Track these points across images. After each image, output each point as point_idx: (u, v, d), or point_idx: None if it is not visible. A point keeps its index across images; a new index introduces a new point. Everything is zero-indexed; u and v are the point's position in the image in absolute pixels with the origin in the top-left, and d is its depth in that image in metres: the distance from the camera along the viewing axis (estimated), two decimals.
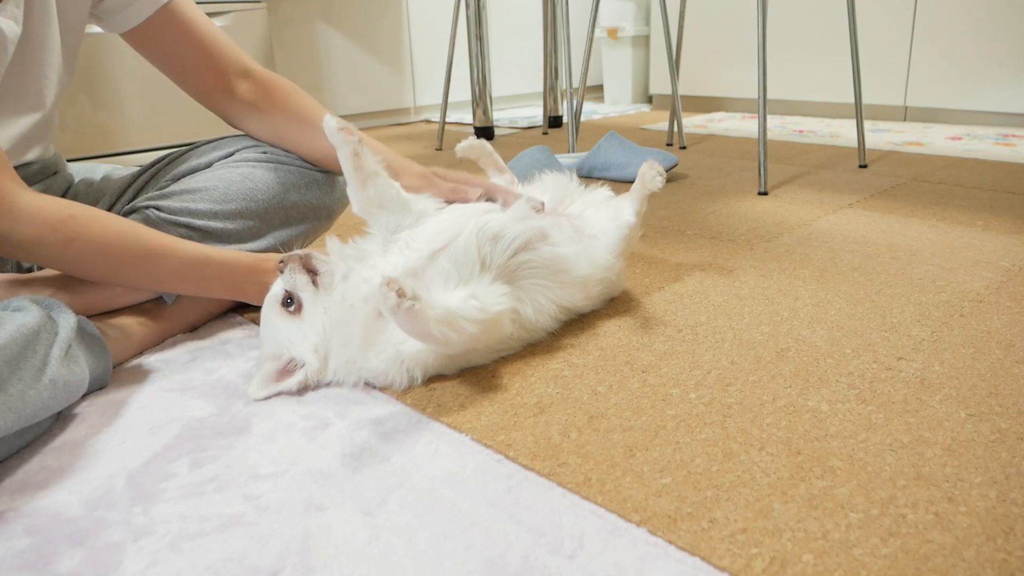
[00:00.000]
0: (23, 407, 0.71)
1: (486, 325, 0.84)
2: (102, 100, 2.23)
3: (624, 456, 0.72)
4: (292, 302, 0.87)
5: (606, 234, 1.03)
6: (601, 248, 1.02)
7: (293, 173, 1.11)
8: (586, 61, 2.25)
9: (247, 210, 1.05)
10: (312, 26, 3.01)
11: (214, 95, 1.12)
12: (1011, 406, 0.78)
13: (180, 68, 1.10)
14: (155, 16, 1.04)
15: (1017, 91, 2.51)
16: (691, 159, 2.20)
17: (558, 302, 0.96)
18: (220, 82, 1.10)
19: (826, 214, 1.55)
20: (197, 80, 1.10)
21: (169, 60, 1.09)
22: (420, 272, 0.88)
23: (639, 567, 0.57)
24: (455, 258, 0.88)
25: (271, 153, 1.12)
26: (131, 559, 0.61)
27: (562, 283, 0.96)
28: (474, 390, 0.86)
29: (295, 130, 1.11)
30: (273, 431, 0.79)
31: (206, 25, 1.09)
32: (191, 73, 1.10)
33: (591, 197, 1.12)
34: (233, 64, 1.10)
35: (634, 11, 3.55)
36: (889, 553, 0.57)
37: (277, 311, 0.88)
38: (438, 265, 0.88)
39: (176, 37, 1.06)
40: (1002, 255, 1.25)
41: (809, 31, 2.93)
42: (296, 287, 0.87)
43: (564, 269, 0.96)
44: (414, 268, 0.88)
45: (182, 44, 1.07)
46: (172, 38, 1.06)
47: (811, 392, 0.82)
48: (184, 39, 1.06)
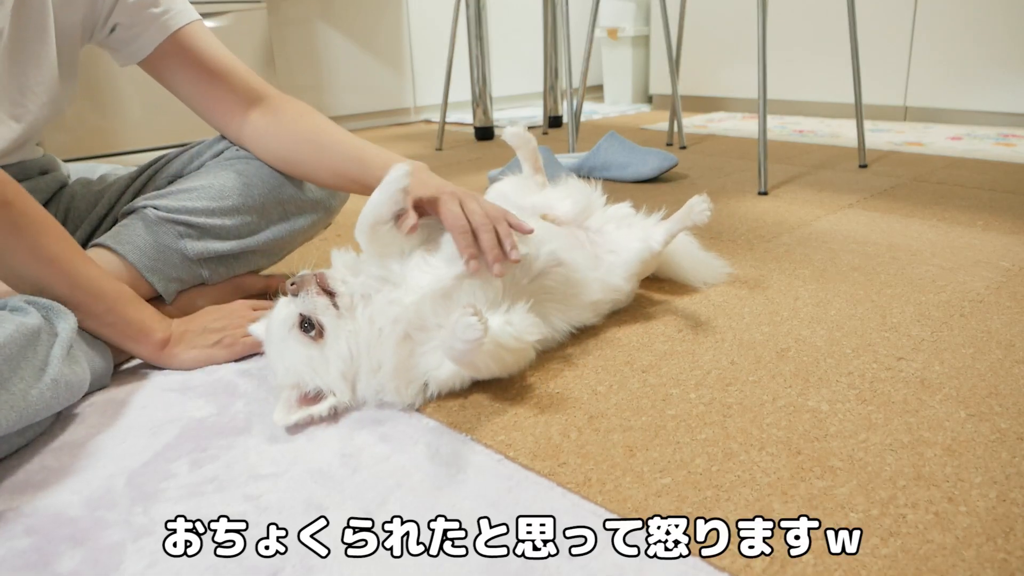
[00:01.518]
0: (25, 406, 0.71)
1: (520, 354, 0.83)
2: (101, 100, 2.23)
3: (624, 456, 0.72)
4: (312, 327, 0.81)
5: (626, 253, 1.01)
6: (617, 270, 1.00)
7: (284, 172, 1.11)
8: (586, 61, 2.25)
9: (243, 206, 1.05)
10: (312, 26, 3.01)
11: (229, 123, 1.10)
12: (1011, 406, 0.78)
13: (194, 97, 1.08)
14: (164, 45, 1.02)
15: (1017, 91, 2.51)
16: (691, 159, 2.20)
17: (570, 322, 0.96)
18: (232, 111, 1.08)
19: (826, 214, 1.55)
20: (212, 108, 1.09)
21: (184, 88, 1.07)
22: (450, 294, 0.83)
23: (639, 567, 0.57)
24: (483, 283, 0.85)
25: None
26: (131, 559, 0.61)
27: (574, 306, 0.96)
28: (474, 390, 0.86)
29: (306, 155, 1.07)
30: (273, 431, 0.79)
31: (217, 51, 1.07)
32: (205, 100, 1.08)
33: (613, 212, 1.09)
34: (247, 90, 1.08)
35: (634, 11, 3.55)
36: (889, 553, 0.57)
37: (295, 336, 0.81)
38: (465, 287, 0.84)
39: (186, 65, 1.05)
40: (1002, 255, 1.25)
41: (809, 31, 2.93)
42: (316, 311, 0.80)
43: (576, 293, 0.95)
44: (444, 290, 0.83)
45: (193, 72, 1.05)
46: (183, 66, 1.05)
47: (811, 392, 0.82)
48: (196, 66, 1.05)
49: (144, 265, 0.98)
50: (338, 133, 1.06)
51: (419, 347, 0.82)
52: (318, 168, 1.06)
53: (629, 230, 1.06)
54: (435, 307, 0.82)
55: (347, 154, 1.03)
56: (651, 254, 1.01)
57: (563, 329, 0.95)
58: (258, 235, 1.08)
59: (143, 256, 0.99)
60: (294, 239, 1.13)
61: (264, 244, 1.08)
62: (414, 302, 0.82)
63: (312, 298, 0.81)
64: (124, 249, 0.98)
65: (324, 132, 1.06)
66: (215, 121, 1.10)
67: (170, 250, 1.00)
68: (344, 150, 1.03)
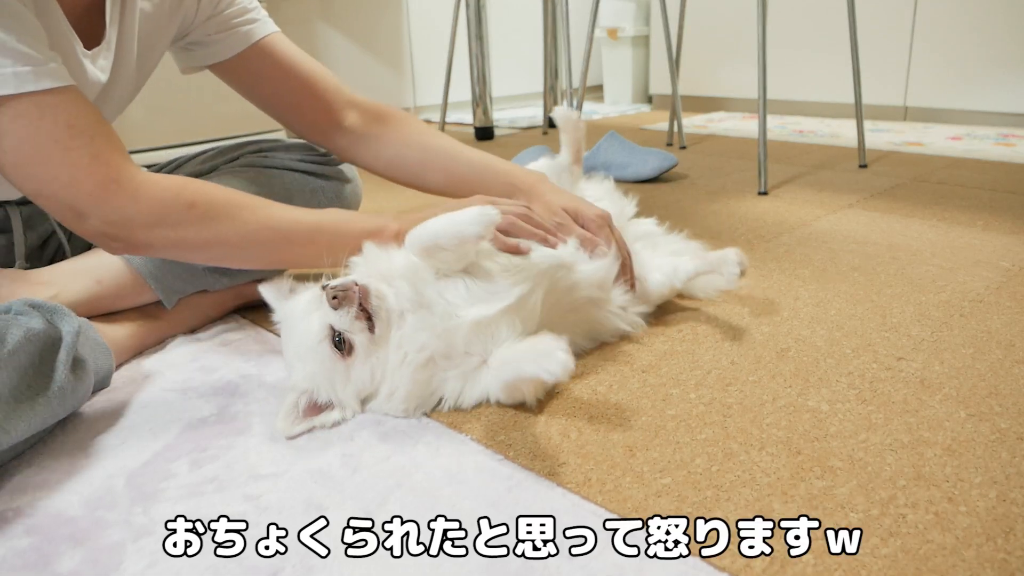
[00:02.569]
0: (33, 415, 0.71)
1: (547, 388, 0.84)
2: None
3: (624, 456, 0.72)
4: (343, 344, 0.78)
5: (650, 286, 1.00)
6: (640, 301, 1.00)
7: (297, 180, 1.11)
8: (586, 61, 2.25)
9: None
10: (312, 26, 3.01)
11: (323, 130, 1.10)
12: (1011, 406, 0.78)
13: (283, 105, 1.09)
14: (246, 53, 1.03)
15: (1017, 91, 2.51)
16: (691, 159, 2.20)
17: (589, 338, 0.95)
18: (327, 116, 1.09)
19: (826, 214, 1.55)
20: (303, 116, 1.09)
21: (269, 98, 1.08)
22: (490, 325, 0.81)
23: (639, 567, 0.57)
24: (524, 315, 0.83)
25: (273, 158, 1.12)
26: (131, 559, 0.61)
27: (598, 331, 0.96)
28: None
29: (418, 156, 1.08)
30: (273, 431, 0.79)
31: (304, 60, 1.07)
32: (294, 110, 1.09)
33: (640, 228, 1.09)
34: (338, 98, 1.09)
35: (634, 11, 3.55)
36: (889, 553, 0.57)
37: (324, 348, 0.78)
38: (507, 319, 0.82)
39: (272, 74, 1.05)
40: (1002, 255, 1.25)
41: (809, 31, 2.93)
42: (352, 331, 0.78)
43: (601, 320, 0.95)
44: (486, 320, 0.80)
45: (280, 81, 1.06)
46: (267, 76, 1.05)
47: (811, 392, 0.82)
48: (282, 76, 1.05)
49: (148, 271, 0.98)
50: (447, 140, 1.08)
51: (440, 373, 0.81)
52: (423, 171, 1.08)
53: (654, 251, 1.05)
54: (469, 336, 0.80)
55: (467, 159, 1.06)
56: (671, 290, 1.02)
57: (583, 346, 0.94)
58: None
59: (147, 262, 0.98)
60: None
61: None
62: (447, 330, 0.79)
63: (351, 320, 0.77)
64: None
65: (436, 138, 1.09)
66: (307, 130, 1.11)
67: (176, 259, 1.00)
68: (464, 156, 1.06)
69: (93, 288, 0.95)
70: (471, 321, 0.80)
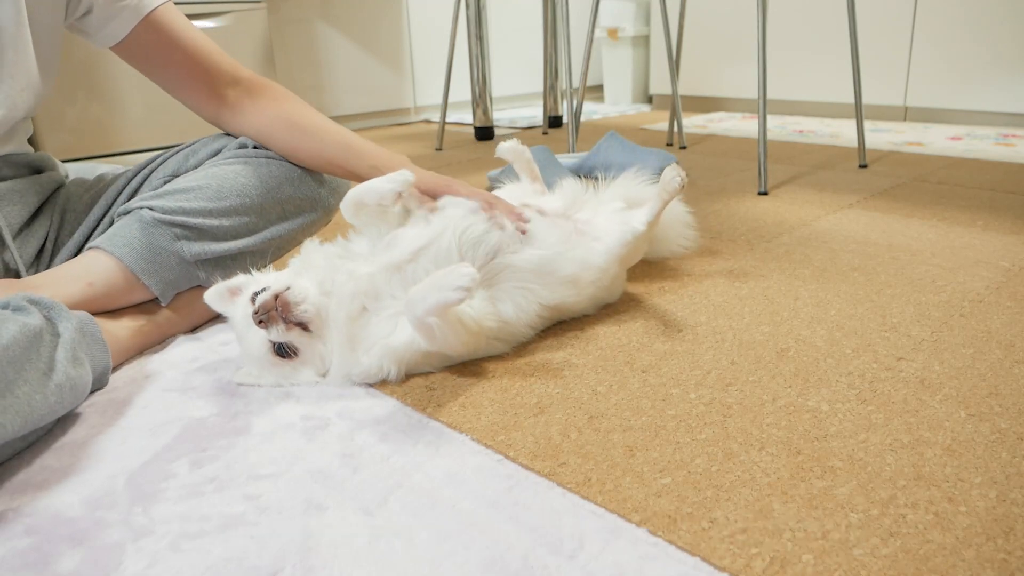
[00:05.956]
0: (30, 411, 0.71)
1: (474, 338, 0.89)
2: (102, 100, 2.23)
3: (624, 456, 0.72)
4: (287, 352, 0.87)
5: (608, 236, 1.02)
6: (598, 251, 1.01)
7: (284, 167, 1.10)
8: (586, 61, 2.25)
9: (242, 206, 1.05)
10: (312, 26, 3.01)
11: (205, 103, 1.11)
12: (1011, 406, 0.78)
13: (170, 79, 1.09)
14: (139, 28, 1.03)
15: (1017, 91, 2.51)
16: (691, 159, 2.20)
17: (542, 302, 0.96)
18: (210, 90, 1.09)
19: (826, 214, 1.55)
20: (188, 89, 1.09)
21: (159, 72, 1.08)
22: (402, 267, 0.90)
23: (639, 567, 0.57)
24: (436, 258, 0.90)
25: (260, 148, 1.12)
26: (131, 559, 0.61)
27: (547, 284, 0.96)
28: (474, 390, 0.86)
29: (284, 134, 1.10)
30: (273, 431, 0.79)
31: (191, 33, 1.07)
32: (181, 83, 1.09)
33: (601, 200, 1.12)
34: (222, 72, 1.09)
35: (634, 11, 3.55)
36: (889, 553, 0.57)
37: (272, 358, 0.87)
38: (420, 263, 0.90)
39: (161, 48, 1.05)
40: (1002, 255, 1.25)
41: (809, 31, 2.93)
42: (291, 340, 0.86)
43: (550, 271, 0.96)
44: (397, 263, 0.90)
45: (169, 54, 1.06)
46: (157, 49, 1.05)
47: (811, 392, 0.82)
48: (170, 49, 1.05)
49: (139, 268, 0.98)
50: (319, 118, 1.11)
51: (373, 316, 0.87)
52: (298, 150, 1.11)
53: (617, 215, 1.07)
54: (391, 278, 0.89)
55: (335, 140, 1.09)
56: (634, 235, 1.01)
57: (533, 310, 0.95)
58: (257, 235, 1.07)
59: (138, 259, 0.98)
60: (293, 238, 1.13)
61: (263, 244, 1.08)
62: (370, 272, 0.88)
63: (283, 331, 0.85)
64: (119, 252, 0.97)
65: (306, 117, 1.11)
66: (191, 102, 1.12)
67: (166, 252, 1.00)
68: (331, 137, 1.09)
69: (85, 291, 0.95)
70: (388, 261, 0.89)
